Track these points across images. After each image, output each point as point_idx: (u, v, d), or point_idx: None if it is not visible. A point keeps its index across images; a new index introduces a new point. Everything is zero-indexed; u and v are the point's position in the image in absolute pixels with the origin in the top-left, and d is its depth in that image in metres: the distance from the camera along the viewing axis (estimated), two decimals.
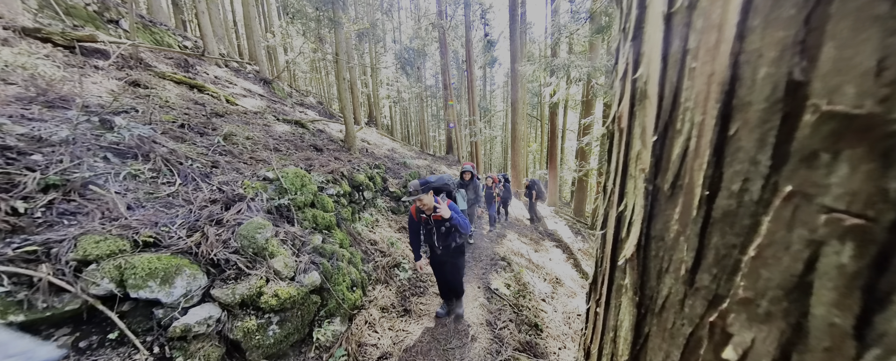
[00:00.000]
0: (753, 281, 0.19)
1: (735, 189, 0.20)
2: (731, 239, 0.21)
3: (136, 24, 4.07)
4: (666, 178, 0.26)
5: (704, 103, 0.22)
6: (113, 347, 1.35)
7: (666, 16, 0.25)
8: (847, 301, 0.15)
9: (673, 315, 0.25)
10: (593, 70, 5.44)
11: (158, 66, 4.04)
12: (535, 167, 18.41)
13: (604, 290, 0.38)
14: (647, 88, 0.28)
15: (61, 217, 1.59)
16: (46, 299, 1.26)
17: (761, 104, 0.18)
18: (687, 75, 0.23)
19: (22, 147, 1.83)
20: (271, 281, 1.82)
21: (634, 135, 0.31)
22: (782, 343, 0.18)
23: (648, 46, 0.28)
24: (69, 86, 2.64)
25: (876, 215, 0.14)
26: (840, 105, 0.15)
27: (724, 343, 0.21)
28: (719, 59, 0.20)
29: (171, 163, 2.41)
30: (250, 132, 3.66)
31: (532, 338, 2.51)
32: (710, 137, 0.21)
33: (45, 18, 3.34)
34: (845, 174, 0.15)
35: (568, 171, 8.67)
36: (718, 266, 0.21)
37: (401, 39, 16.44)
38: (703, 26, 0.22)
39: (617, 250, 0.35)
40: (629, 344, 0.31)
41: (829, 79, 0.15)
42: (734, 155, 0.20)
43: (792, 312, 0.17)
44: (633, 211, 0.30)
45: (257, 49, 7.11)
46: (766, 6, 0.18)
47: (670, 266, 0.26)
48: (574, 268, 4.80)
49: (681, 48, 0.24)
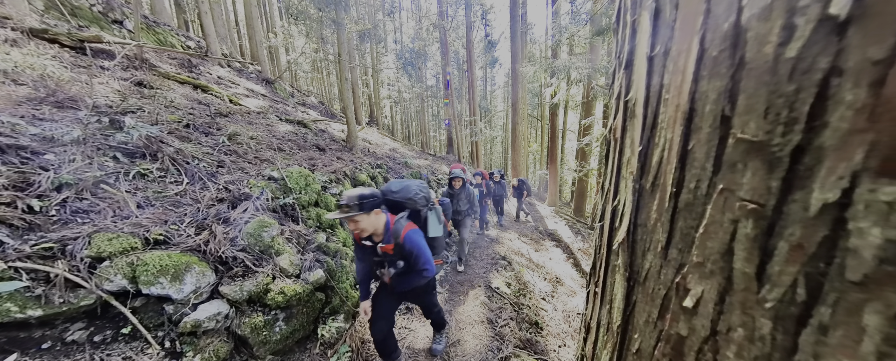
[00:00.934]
0: (702, 249, 0.28)
1: (692, 187, 0.29)
2: (690, 222, 0.29)
3: (140, 25, 4.09)
4: (648, 179, 0.34)
5: (673, 125, 0.30)
6: (126, 341, 1.40)
7: (649, 57, 0.34)
8: (751, 256, 0.24)
9: (653, 283, 0.34)
10: (593, 71, 5.54)
11: (162, 67, 4.07)
12: (536, 167, 18.53)
13: (602, 272, 0.46)
14: (636, 109, 0.37)
15: (75, 215, 1.64)
16: (62, 295, 1.30)
17: (707, 129, 0.27)
18: (662, 103, 0.32)
19: (35, 146, 1.87)
20: (277, 279, 1.87)
21: (626, 144, 0.39)
22: (719, 291, 0.27)
23: (636, 76, 0.37)
24: (78, 87, 2.68)
25: (765, 201, 0.23)
26: (747, 134, 0.24)
27: (685, 296, 0.29)
28: (682, 95, 0.29)
29: (179, 163, 2.45)
30: (254, 132, 3.70)
31: (532, 336, 2.57)
32: (677, 150, 0.30)
33: (51, 19, 3.36)
34: (750, 176, 0.24)
35: (568, 171, 8.78)
36: (682, 242, 0.30)
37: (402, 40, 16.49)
38: (673, 69, 0.30)
39: (612, 237, 0.43)
40: (621, 312, 0.40)
41: (742, 117, 0.24)
42: (691, 163, 0.29)
43: (725, 268, 0.26)
44: (625, 204, 0.39)
45: (259, 49, 7.13)
46: (710, 64, 0.26)
47: (651, 245, 0.34)
48: (574, 268, 4.88)
49: (658, 82, 0.33)
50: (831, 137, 0.20)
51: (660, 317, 0.32)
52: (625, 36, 0.39)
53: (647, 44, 0.33)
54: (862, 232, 0.19)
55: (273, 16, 12.45)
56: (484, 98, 18.75)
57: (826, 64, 0.19)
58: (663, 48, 0.31)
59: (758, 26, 0.22)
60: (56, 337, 1.29)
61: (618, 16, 0.42)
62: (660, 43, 0.31)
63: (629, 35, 0.37)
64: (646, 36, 0.33)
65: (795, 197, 0.21)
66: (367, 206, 1.17)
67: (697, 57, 0.26)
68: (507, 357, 2.15)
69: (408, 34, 16.97)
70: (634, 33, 0.37)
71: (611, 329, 0.42)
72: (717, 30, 0.24)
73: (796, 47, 0.20)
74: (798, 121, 0.21)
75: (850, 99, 0.19)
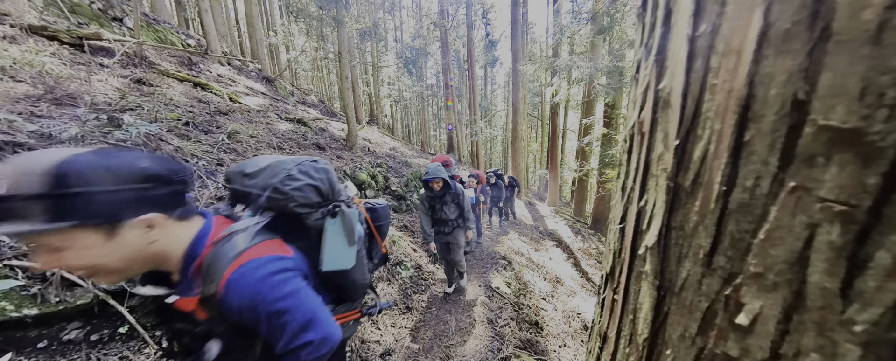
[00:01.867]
0: (763, 258, 0.24)
1: (748, 185, 0.25)
2: (744, 225, 0.25)
3: (140, 22, 4.07)
4: (687, 176, 0.30)
5: (723, 114, 0.26)
6: (123, 341, 1.38)
7: (690, 38, 0.30)
8: (835, 268, 0.20)
9: (691, 294, 0.30)
10: (595, 71, 5.50)
11: (162, 64, 4.05)
12: (536, 166, 18.50)
13: (622, 278, 0.43)
14: (671, 99, 0.33)
15: None
16: (59, 293, 1.28)
17: (772, 117, 0.23)
18: (708, 90, 0.28)
19: (33, 144, 1.85)
20: None
21: (656, 139, 0.35)
22: (785, 307, 0.23)
23: (672, 62, 0.33)
24: (76, 84, 2.65)
25: (858, 202, 0.19)
26: (833, 120, 0.20)
27: (737, 312, 0.26)
28: (737, 79, 0.25)
29: (178, 161, 2.42)
30: (254, 130, 3.68)
31: (533, 336, 2.55)
32: (728, 142, 0.26)
33: (50, 16, 3.33)
34: (835, 172, 0.20)
35: (568, 171, 8.74)
36: (733, 248, 0.26)
37: (402, 38, 16.43)
38: (725, 50, 0.26)
39: (637, 241, 0.39)
40: (649, 323, 0.36)
41: (826, 100, 0.20)
42: (748, 157, 0.25)
43: (793, 281, 0.22)
44: (654, 205, 0.35)
45: (260, 47, 7.10)
46: (777, 40, 0.22)
47: (689, 251, 0.30)
48: (574, 268, 4.86)
49: (703, 66, 0.29)
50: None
51: (700, 333, 0.29)
52: (656, 19, 0.35)
53: (688, 23, 0.29)
54: None
55: (273, 14, 12.42)
56: (484, 97, 18.69)
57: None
58: (709, 27, 0.27)
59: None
60: (52, 337, 1.27)
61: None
62: (705, 21, 0.27)
63: (663, 17, 0.34)
64: (686, 15, 0.30)
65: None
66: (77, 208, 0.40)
67: (760, 32, 0.23)
68: (507, 358, 2.13)
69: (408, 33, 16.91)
70: (669, 14, 0.33)
71: (635, 342, 0.39)
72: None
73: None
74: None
75: None
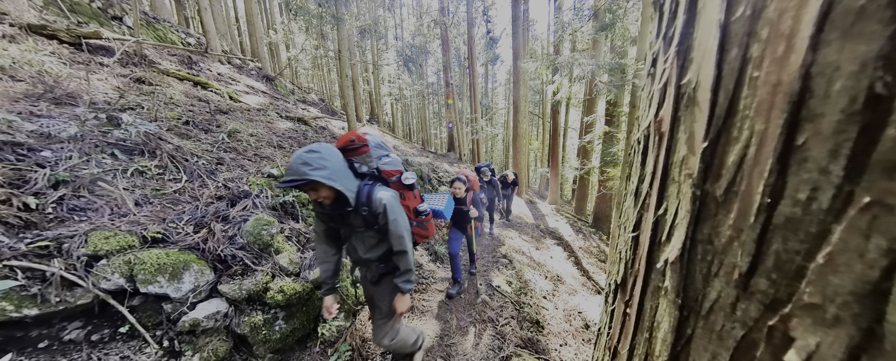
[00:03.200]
0: (821, 287, 0.20)
1: (801, 197, 0.21)
2: (795, 245, 0.21)
3: (140, 21, 4.05)
4: (718, 184, 0.26)
5: (768, 112, 0.22)
6: (124, 340, 1.37)
7: (722, 24, 0.26)
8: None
9: (722, 318, 0.26)
10: (597, 68, 5.42)
11: (162, 63, 4.03)
12: (537, 165, 18.41)
13: (636, 292, 0.39)
14: (697, 95, 0.29)
15: (72, 212, 1.61)
16: (59, 293, 1.27)
17: (836, 116, 0.19)
18: (746, 84, 0.24)
19: (32, 143, 1.84)
20: (277, 277, 1.84)
21: (678, 140, 0.31)
22: (851, 347, 0.19)
23: (699, 53, 0.29)
24: (76, 83, 2.64)
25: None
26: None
27: (785, 347, 0.22)
28: (787, 70, 0.21)
29: (177, 160, 2.41)
30: (254, 129, 3.66)
31: (533, 335, 2.53)
32: (774, 146, 0.22)
33: (50, 15, 3.32)
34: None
35: (569, 169, 8.68)
36: (778, 271, 0.22)
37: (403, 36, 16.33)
38: (769, 36, 0.22)
39: (654, 252, 0.35)
40: (669, 345, 0.32)
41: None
42: (801, 164, 0.21)
43: (864, 317, 0.18)
44: (676, 214, 0.31)
45: (260, 46, 7.07)
46: (846, 21, 0.18)
47: (720, 270, 0.26)
48: (575, 266, 4.82)
49: (739, 56, 0.24)
50: None
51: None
52: (677, 4, 0.31)
53: (720, 7, 0.25)
54: None
55: (273, 12, 12.37)
56: (485, 95, 18.59)
57: None
58: (749, 9, 0.23)
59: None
60: (53, 337, 1.27)
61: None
62: (743, 3, 0.23)
63: (687, 2, 0.29)
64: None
65: None
66: None
67: (820, 13, 0.18)
68: (508, 357, 2.11)
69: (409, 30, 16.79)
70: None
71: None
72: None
73: None
74: None
75: None
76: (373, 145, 1.17)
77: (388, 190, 1.13)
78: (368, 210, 1.08)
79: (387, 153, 1.24)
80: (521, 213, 7.57)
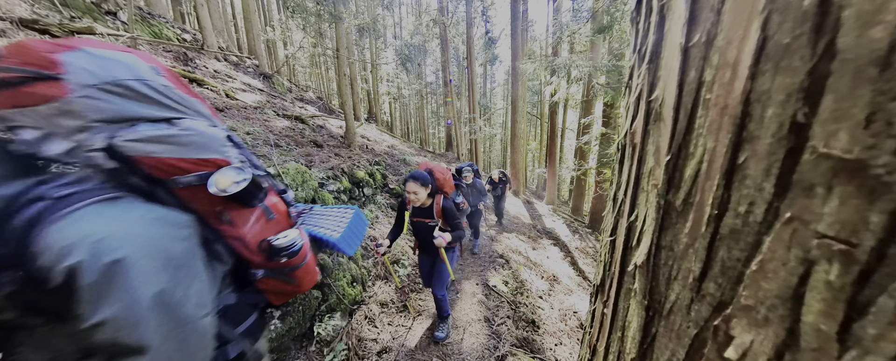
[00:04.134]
0: (755, 290, 0.22)
1: (741, 210, 0.23)
2: (736, 253, 0.24)
3: (135, 17, 4.00)
4: (678, 195, 0.29)
5: (717, 132, 0.25)
6: None
7: (683, 48, 0.28)
8: (832, 310, 0.19)
9: (680, 319, 0.29)
10: (594, 70, 5.46)
11: (157, 60, 3.98)
12: (535, 165, 18.49)
13: (612, 293, 0.41)
14: (663, 111, 0.31)
15: None
16: None
17: (768, 139, 0.21)
18: (701, 104, 0.26)
19: None
20: None
21: (647, 152, 0.34)
22: (777, 345, 0.21)
23: (665, 72, 0.31)
24: None
25: (859, 241, 0.18)
26: (835, 149, 0.18)
27: (726, 344, 0.24)
28: (732, 95, 0.23)
29: None
30: (250, 127, 3.64)
31: (529, 334, 2.55)
32: (721, 163, 0.24)
33: (42, 9, 3.27)
34: (836, 206, 0.18)
35: (567, 170, 8.74)
36: (723, 276, 0.24)
37: (401, 35, 16.27)
38: (719, 63, 0.24)
39: (627, 256, 0.38)
40: (637, 343, 0.35)
41: (827, 125, 0.18)
42: (742, 181, 0.23)
43: (786, 318, 0.21)
44: (645, 222, 0.33)
45: (257, 43, 7.01)
46: (776, 55, 0.21)
47: (679, 274, 0.29)
48: (571, 266, 4.87)
49: (696, 79, 0.27)
50: None
51: (688, 359, 0.27)
52: (649, 24, 0.33)
53: (682, 32, 0.27)
54: None
55: (271, 9, 12.25)
56: (484, 95, 18.59)
57: None
58: (704, 36, 0.25)
59: (862, 1, 0.16)
60: None
61: (639, 2, 0.37)
62: (699, 31, 0.25)
63: (656, 23, 0.32)
64: (680, 22, 0.27)
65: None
66: None
67: (757, 46, 0.21)
68: (503, 356, 2.13)
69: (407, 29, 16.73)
70: (663, 20, 0.31)
71: (622, 359, 0.37)
72: (789, 9, 0.19)
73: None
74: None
75: None
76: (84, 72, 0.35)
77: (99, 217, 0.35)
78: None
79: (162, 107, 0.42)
80: (519, 213, 7.61)
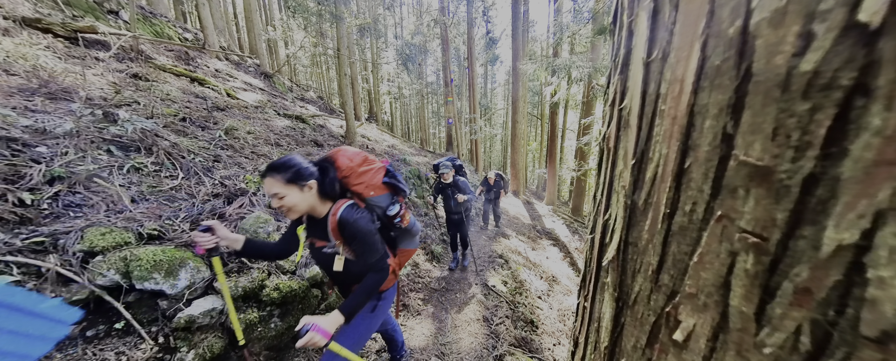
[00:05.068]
0: (696, 280, 0.25)
1: (687, 209, 0.26)
2: (683, 247, 0.27)
3: (137, 16, 4.03)
4: (641, 195, 0.32)
5: (669, 140, 0.27)
6: (119, 336, 1.39)
7: (645, 62, 0.31)
8: (751, 295, 0.22)
9: (642, 308, 0.31)
10: (594, 71, 5.48)
11: (159, 59, 4.02)
12: (535, 166, 18.52)
13: (591, 287, 0.44)
14: (630, 118, 0.34)
15: (67, 209, 1.62)
16: (55, 289, 1.29)
17: (707, 147, 0.24)
18: (658, 114, 0.29)
19: (27, 139, 1.85)
20: (273, 275, 1.87)
21: (619, 155, 0.36)
22: (713, 327, 0.24)
23: (632, 83, 0.34)
24: (71, 79, 2.64)
25: (769, 235, 0.20)
26: (751, 157, 0.21)
27: (675, 328, 0.27)
28: (680, 107, 0.26)
29: (174, 157, 2.42)
30: (251, 126, 3.67)
31: (528, 334, 2.58)
32: (672, 167, 0.27)
33: (44, 8, 3.30)
34: (752, 205, 0.21)
35: (567, 171, 8.76)
36: (675, 268, 0.27)
37: (402, 35, 16.29)
38: (671, 78, 0.27)
39: (602, 253, 0.41)
40: (609, 333, 0.38)
41: (746, 137, 0.21)
42: (688, 183, 0.26)
43: (719, 303, 0.24)
44: (616, 220, 0.36)
45: (258, 42, 7.04)
46: (711, 74, 0.23)
47: (641, 267, 0.32)
48: (570, 267, 4.89)
49: (655, 91, 0.30)
50: (852, 168, 0.17)
51: (648, 345, 0.30)
52: (621, 38, 0.36)
53: (644, 48, 0.30)
54: (883, 282, 0.16)
55: (272, 8, 12.28)
56: (484, 96, 18.61)
57: (849, 81, 0.16)
58: (661, 53, 0.28)
59: (768, 33, 0.19)
60: None
61: (615, 16, 0.39)
62: (657, 47, 0.28)
63: (626, 37, 0.34)
64: (643, 39, 0.30)
65: (805, 233, 0.19)
66: None
67: (698, 65, 0.24)
68: (502, 356, 2.16)
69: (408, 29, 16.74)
70: (631, 35, 0.33)
71: (598, 349, 0.40)
72: (721, 35, 0.21)
73: (814, 59, 0.17)
74: (812, 146, 0.18)
75: (877, 124, 0.16)
76: None
77: None
78: None
79: None
80: (518, 214, 7.64)
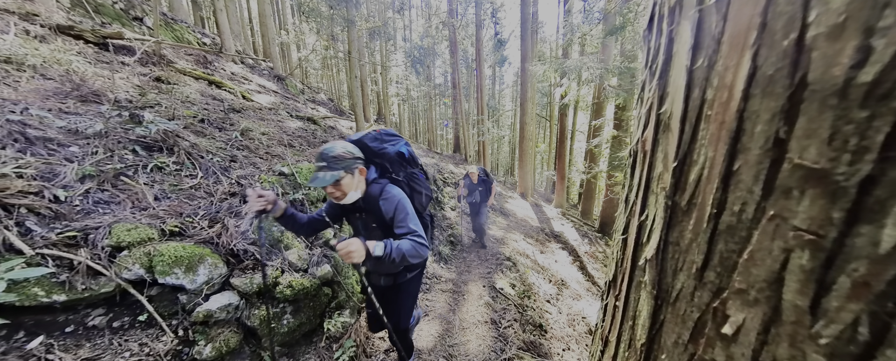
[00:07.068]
0: (746, 276, 0.26)
1: (736, 209, 0.27)
2: (731, 245, 0.28)
3: (159, 22, 4.20)
4: (683, 197, 0.33)
5: (716, 143, 0.29)
6: (142, 328, 1.45)
7: (689, 69, 0.32)
8: (806, 289, 0.23)
9: (685, 305, 0.33)
10: (606, 72, 5.42)
11: (179, 63, 4.18)
12: (543, 168, 18.35)
13: (623, 286, 0.45)
14: (671, 123, 0.35)
15: (97, 205, 1.70)
16: (85, 281, 1.36)
17: (757, 151, 0.26)
18: (703, 119, 0.30)
19: (61, 139, 1.95)
20: (286, 273, 1.91)
21: (657, 158, 0.38)
22: (764, 321, 0.25)
23: (673, 89, 0.35)
24: (100, 82, 2.77)
25: (825, 233, 0.22)
26: (806, 160, 0.22)
27: (723, 323, 0.28)
28: (729, 113, 0.28)
29: (194, 157, 2.51)
30: (266, 128, 3.77)
31: (536, 338, 2.56)
32: (719, 169, 0.28)
33: (76, 16, 3.48)
34: (807, 205, 0.23)
35: (576, 173, 8.65)
36: (721, 265, 0.28)
37: (411, 38, 16.47)
38: (718, 84, 0.29)
39: (638, 252, 0.42)
40: (646, 330, 0.39)
41: (801, 141, 0.23)
42: (736, 185, 0.27)
43: (771, 298, 0.25)
44: (654, 220, 0.38)
45: (271, 46, 7.24)
46: (763, 82, 0.25)
47: (683, 265, 0.33)
48: (580, 271, 4.82)
49: (699, 97, 0.31)
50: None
51: (691, 340, 0.31)
52: (659, 45, 0.37)
53: (687, 55, 0.32)
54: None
55: (285, 13, 12.61)
56: (492, 97, 18.60)
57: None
58: (706, 61, 0.30)
59: (826, 46, 0.20)
60: (78, 322, 1.34)
61: (650, 22, 0.41)
62: (702, 56, 0.30)
63: (665, 44, 0.36)
64: (686, 47, 0.32)
65: (862, 230, 0.20)
66: None
67: (749, 74, 0.25)
68: (510, 359, 2.15)
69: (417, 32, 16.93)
70: (671, 43, 0.35)
71: (633, 346, 0.41)
72: (773, 46, 0.23)
73: (873, 71, 0.19)
74: (870, 151, 0.19)
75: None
76: None
77: None
78: None
79: None
80: (526, 216, 7.57)
